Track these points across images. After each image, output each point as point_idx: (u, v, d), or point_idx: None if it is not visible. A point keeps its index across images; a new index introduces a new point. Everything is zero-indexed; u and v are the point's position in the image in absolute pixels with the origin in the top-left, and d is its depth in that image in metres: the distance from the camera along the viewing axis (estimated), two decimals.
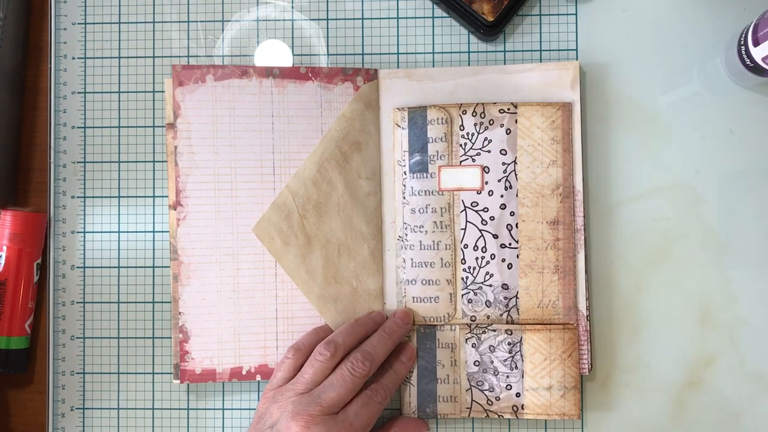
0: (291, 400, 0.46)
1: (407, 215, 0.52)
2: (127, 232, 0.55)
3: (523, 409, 0.51)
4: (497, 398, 0.51)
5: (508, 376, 0.51)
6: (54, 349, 0.55)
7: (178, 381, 0.52)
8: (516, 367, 0.51)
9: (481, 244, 0.52)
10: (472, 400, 0.51)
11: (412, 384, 0.52)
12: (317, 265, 0.52)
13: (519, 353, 0.51)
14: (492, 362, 0.51)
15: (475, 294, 0.52)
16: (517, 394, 0.51)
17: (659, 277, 0.53)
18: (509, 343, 0.51)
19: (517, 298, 0.51)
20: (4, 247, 0.53)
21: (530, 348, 0.51)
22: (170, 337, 0.54)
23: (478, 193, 0.52)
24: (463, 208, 0.52)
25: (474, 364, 0.51)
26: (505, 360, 0.51)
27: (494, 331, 0.51)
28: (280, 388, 0.48)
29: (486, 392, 0.51)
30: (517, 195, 0.51)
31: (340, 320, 0.52)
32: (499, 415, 0.51)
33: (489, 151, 0.51)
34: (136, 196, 0.55)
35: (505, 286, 0.52)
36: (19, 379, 0.55)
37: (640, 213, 0.53)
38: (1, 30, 0.52)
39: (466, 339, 0.52)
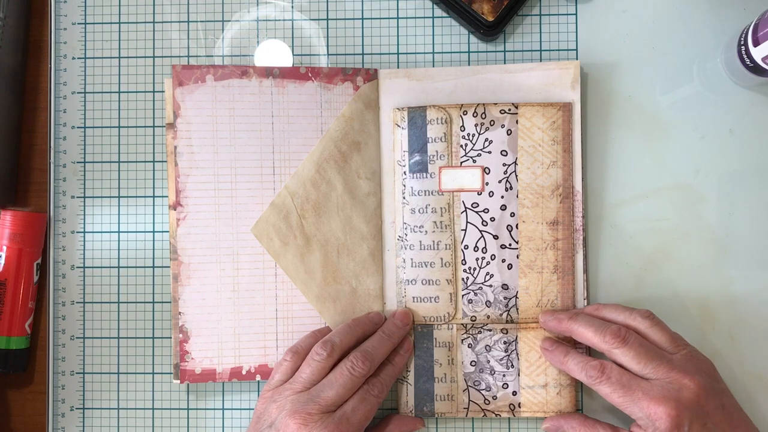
0: (289, 399, 0.46)
1: (407, 215, 0.52)
2: (127, 232, 0.55)
3: (519, 407, 0.51)
4: (494, 397, 0.51)
5: (504, 375, 0.51)
6: (54, 349, 0.55)
7: (178, 381, 0.52)
8: (512, 366, 0.51)
9: (481, 245, 0.52)
10: (469, 400, 0.51)
11: (409, 383, 0.52)
12: (316, 265, 0.52)
13: (515, 351, 0.51)
14: (488, 362, 0.51)
15: (476, 294, 0.52)
16: (514, 393, 0.51)
17: (659, 277, 0.53)
18: (505, 342, 0.51)
19: (516, 298, 0.51)
20: (4, 247, 0.53)
21: (525, 346, 0.51)
22: (170, 337, 0.54)
23: (478, 194, 0.52)
24: (464, 209, 0.52)
25: (470, 364, 0.51)
26: (501, 359, 0.51)
27: (490, 330, 0.51)
28: (278, 388, 0.48)
29: (483, 392, 0.51)
30: (517, 196, 0.51)
31: (340, 320, 0.52)
32: (496, 414, 0.51)
33: (490, 152, 0.51)
34: (136, 196, 0.55)
35: (505, 287, 0.51)
36: (19, 379, 0.55)
37: (640, 213, 0.53)
38: (1, 30, 0.52)
39: (462, 339, 0.52)
